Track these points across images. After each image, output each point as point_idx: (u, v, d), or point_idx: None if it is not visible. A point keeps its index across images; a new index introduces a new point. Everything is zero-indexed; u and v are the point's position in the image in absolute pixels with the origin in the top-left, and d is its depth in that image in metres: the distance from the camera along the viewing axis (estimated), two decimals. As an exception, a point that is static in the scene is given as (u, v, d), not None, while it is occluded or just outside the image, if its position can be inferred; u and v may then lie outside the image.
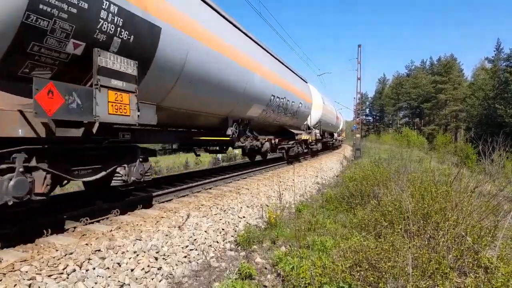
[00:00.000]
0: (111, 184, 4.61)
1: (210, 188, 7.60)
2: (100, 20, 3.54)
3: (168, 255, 4.01)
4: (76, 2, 3.26)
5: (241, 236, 5.13)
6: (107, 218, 4.75)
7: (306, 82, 15.40)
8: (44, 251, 3.37)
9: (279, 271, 3.93)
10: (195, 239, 4.58)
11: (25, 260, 3.08)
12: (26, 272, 2.87)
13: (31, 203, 3.44)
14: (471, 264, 3.26)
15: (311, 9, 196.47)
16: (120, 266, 3.45)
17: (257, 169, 11.19)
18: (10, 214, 3.58)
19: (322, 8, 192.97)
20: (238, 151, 21.18)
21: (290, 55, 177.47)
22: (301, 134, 13.61)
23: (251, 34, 8.48)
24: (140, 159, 4.86)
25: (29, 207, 3.53)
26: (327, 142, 24.49)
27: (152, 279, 3.57)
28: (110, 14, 3.64)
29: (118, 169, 4.58)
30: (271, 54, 9.96)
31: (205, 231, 4.89)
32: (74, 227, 4.27)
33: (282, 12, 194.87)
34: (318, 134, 17.20)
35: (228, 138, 7.76)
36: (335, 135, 29.53)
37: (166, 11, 4.61)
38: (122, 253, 3.59)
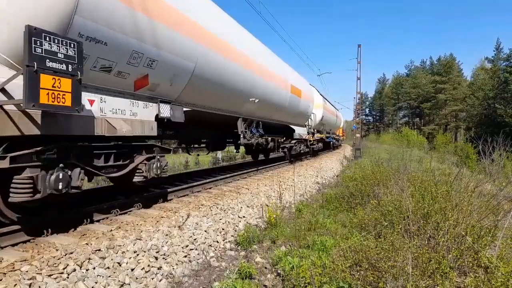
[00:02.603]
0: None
1: (210, 188, 7.60)
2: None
3: (168, 255, 4.01)
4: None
5: (241, 236, 5.13)
6: (107, 217, 4.75)
7: None
8: (44, 250, 3.37)
9: (279, 271, 3.94)
10: (195, 239, 4.59)
11: (25, 260, 3.09)
12: (26, 271, 2.87)
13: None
14: (471, 264, 3.26)
15: (311, 9, 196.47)
16: (120, 265, 3.45)
17: (257, 168, 11.20)
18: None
19: (322, 8, 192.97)
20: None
21: (290, 55, 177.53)
22: None
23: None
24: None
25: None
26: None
27: (152, 279, 3.57)
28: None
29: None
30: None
31: (205, 231, 4.89)
32: (75, 227, 4.27)
33: (282, 12, 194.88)
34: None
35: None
36: (303, 131, 14.97)
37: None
38: (122, 253, 3.59)
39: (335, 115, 27.82)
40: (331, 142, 27.07)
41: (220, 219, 5.47)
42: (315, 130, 18.28)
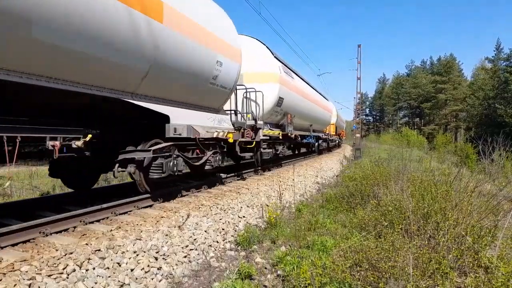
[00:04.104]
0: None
1: (210, 188, 7.60)
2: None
3: (168, 255, 4.00)
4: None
5: (241, 236, 5.13)
6: (107, 217, 4.75)
7: None
8: (44, 250, 3.37)
9: (279, 271, 3.93)
10: (195, 239, 4.58)
11: (25, 260, 3.08)
12: (26, 272, 2.87)
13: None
14: (471, 264, 3.26)
15: (311, 9, 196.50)
16: (120, 266, 3.45)
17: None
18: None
19: (322, 8, 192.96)
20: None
21: (290, 54, 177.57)
22: None
23: None
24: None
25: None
26: None
27: (152, 279, 3.57)
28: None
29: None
30: None
31: (205, 231, 4.89)
32: (74, 227, 4.27)
33: (282, 12, 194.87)
34: None
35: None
36: (214, 122, 6.88)
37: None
38: (122, 253, 3.59)
39: (321, 106, 18.71)
40: (316, 144, 19.09)
41: (220, 219, 5.46)
42: (263, 121, 9.59)
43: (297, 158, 17.40)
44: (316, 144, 19.48)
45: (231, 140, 7.20)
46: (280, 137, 11.54)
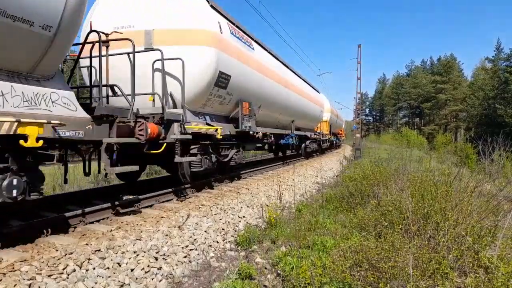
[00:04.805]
0: None
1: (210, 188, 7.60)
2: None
3: (168, 255, 4.01)
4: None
5: (241, 236, 5.13)
6: (107, 218, 4.75)
7: None
8: (44, 251, 3.37)
9: (279, 271, 3.93)
10: (195, 239, 4.58)
11: (25, 260, 3.08)
12: (26, 272, 2.87)
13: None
14: (471, 264, 3.26)
15: (311, 9, 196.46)
16: (120, 266, 3.45)
17: (257, 168, 11.20)
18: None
19: (322, 8, 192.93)
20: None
21: (291, 55, 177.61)
22: None
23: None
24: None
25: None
26: None
27: (152, 279, 3.57)
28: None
29: None
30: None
31: (205, 231, 4.89)
32: (74, 227, 4.27)
33: (282, 12, 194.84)
34: None
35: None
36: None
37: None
38: (122, 253, 3.59)
39: (307, 97, 14.98)
40: (303, 146, 16.43)
41: (220, 219, 5.47)
42: (183, 110, 5.79)
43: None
44: (303, 145, 16.07)
45: (29, 143, 3.19)
46: (219, 136, 6.95)
